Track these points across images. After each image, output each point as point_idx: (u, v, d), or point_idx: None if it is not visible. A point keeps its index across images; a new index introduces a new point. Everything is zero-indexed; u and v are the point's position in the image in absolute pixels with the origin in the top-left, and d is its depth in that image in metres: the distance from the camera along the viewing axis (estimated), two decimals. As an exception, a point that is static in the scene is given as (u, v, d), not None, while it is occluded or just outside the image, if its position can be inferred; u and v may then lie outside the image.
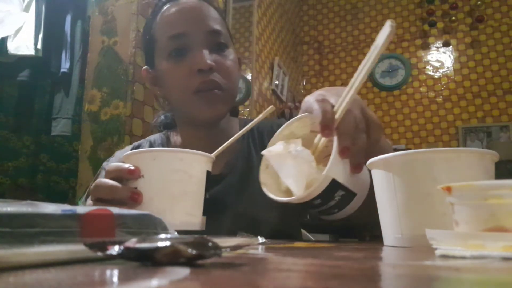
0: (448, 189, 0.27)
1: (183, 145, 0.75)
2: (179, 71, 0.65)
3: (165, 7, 0.69)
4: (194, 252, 0.19)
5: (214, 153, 0.52)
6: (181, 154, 0.48)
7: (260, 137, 0.75)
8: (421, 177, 0.37)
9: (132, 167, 0.47)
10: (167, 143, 0.77)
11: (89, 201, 0.51)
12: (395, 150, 0.41)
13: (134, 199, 0.45)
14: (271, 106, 0.56)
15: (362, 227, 0.61)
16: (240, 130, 0.75)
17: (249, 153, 0.73)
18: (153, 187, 0.47)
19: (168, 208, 0.46)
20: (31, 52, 1.68)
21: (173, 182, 0.47)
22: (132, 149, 0.76)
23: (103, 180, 0.47)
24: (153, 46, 0.70)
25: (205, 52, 0.65)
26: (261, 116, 0.54)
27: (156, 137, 0.79)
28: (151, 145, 0.77)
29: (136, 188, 0.46)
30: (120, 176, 0.47)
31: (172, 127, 0.81)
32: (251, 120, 0.80)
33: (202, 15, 0.67)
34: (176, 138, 0.77)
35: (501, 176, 0.39)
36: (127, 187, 0.47)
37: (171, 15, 0.67)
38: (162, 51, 0.68)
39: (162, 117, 0.85)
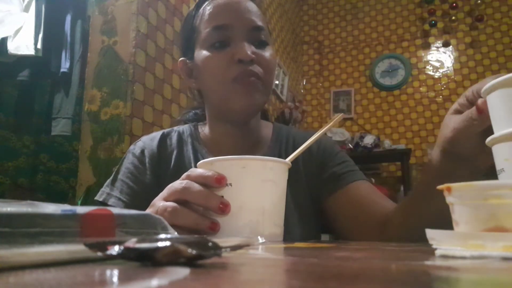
0: (448, 189, 0.27)
1: (213, 140, 0.74)
2: (219, 61, 0.65)
3: (210, 0, 0.69)
4: (194, 252, 0.19)
5: (288, 158, 0.50)
6: (271, 163, 0.46)
7: (294, 148, 0.73)
8: None
9: (220, 175, 0.44)
10: (195, 134, 0.76)
11: (160, 202, 0.46)
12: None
13: (221, 209, 0.44)
14: (340, 114, 0.55)
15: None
16: (273, 135, 0.76)
17: (280, 156, 0.72)
18: (242, 197, 0.45)
19: (260, 219, 0.45)
20: (31, 52, 1.68)
21: (263, 192, 0.45)
22: (162, 136, 0.75)
23: (193, 183, 0.45)
24: (194, 37, 0.70)
25: (247, 45, 0.65)
26: (330, 123, 0.53)
27: (185, 128, 0.78)
28: (180, 135, 0.76)
29: (222, 197, 0.45)
30: (205, 183, 0.45)
31: (199, 121, 0.80)
32: (284, 126, 0.81)
33: (247, 10, 0.67)
34: (205, 131, 0.76)
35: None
36: (218, 195, 0.45)
37: (216, 7, 0.68)
38: (204, 41, 0.67)
39: (192, 113, 0.84)
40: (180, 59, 0.74)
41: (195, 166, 0.70)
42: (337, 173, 0.70)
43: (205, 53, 0.67)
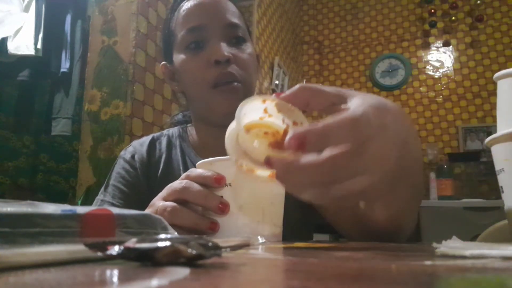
0: None
1: (200, 142, 0.75)
2: (196, 63, 0.65)
3: (184, 2, 0.70)
4: (194, 252, 0.19)
5: None
6: None
7: None
8: None
9: (219, 175, 0.44)
10: (184, 137, 0.77)
11: (160, 202, 0.46)
12: None
13: (221, 209, 0.44)
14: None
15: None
16: None
17: None
18: (242, 197, 0.45)
19: (260, 219, 0.45)
20: (31, 52, 1.68)
21: (263, 192, 0.45)
22: (151, 141, 0.76)
23: (193, 183, 0.45)
24: (171, 40, 0.70)
25: (223, 44, 0.65)
26: None
27: (174, 130, 0.79)
28: (169, 139, 0.77)
29: (222, 197, 0.44)
30: (204, 183, 0.45)
31: (188, 123, 0.81)
32: None
33: (220, 9, 0.67)
34: (192, 133, 0.77)
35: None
36: (217, 196, 0.44)
37: (189, 8, 0.68)
38: (180, 44, 0.68)
39: (180, 115, 0.85)
40: (162, 63, 0.75)
41: (184, 169, 0.70)
42: None
43: (182, 56, 0.67)
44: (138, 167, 0.72)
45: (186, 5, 0.69)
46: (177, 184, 0.46)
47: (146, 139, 0.77)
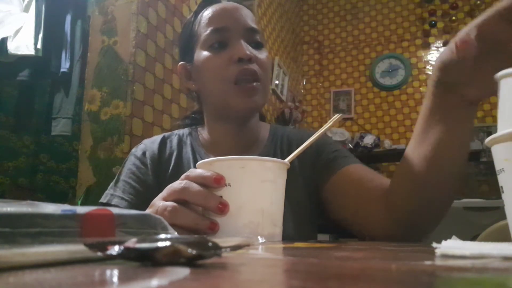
0: None
1: (211, 141, 0.76)
2: (219, 60, 0.68)
3: (208, 7, 0.74)
4: (194, 252, 0.19)
5: (287, 159, 0.50)
6: (270, 163, 0.47)
7: (289, 145, 0.76)
8: None
9: (219, 175, 0.45)
10: (195, 136, 0.78)
11: (160, 202, 0.47)
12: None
13: (220, 209, 0.44)
14: (339, 115, 0.55)
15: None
16: (269, 135, 0.79)
17: (275, 157, 0.73)
18: (241, 197, 0.45)
19: (259, 219, 0.45)
20: (31, 52, 1.68)
21: (262, 192, 0.46)
22: (162, 139, 0.77)
23: (192, 183, 0.45)
24: (193, 40, 0.73)
25: (245, 44, 0.68)
26: (329, 123, 0.54)
27: (184, 130, 0.81)
28: (180, 138, 0.78)
29: (221, 197, 0.45)
30: (204, 183, 0.45)
31: (198, 125, 0.82)
32: (280, 126, 0.83)
33: (242, 14, 0.72)
34: (203, 133, 0.78)
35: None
36: (217, 196, 0.45)
37: (214, 12, 0.72)
38: (204, 43, 0.70)
39: (189, 118, 0.86)
40: (180, 63, 0.77)
41: (194, 167, 0.71)
42: (332, 159, 0.71)
43: (204, 53, 0.70)
44: (148, 164, 0.74)
45: (210, 10, 0.72)
46: (177, 184, 0.46)
47: (157, 138, 0.78)
